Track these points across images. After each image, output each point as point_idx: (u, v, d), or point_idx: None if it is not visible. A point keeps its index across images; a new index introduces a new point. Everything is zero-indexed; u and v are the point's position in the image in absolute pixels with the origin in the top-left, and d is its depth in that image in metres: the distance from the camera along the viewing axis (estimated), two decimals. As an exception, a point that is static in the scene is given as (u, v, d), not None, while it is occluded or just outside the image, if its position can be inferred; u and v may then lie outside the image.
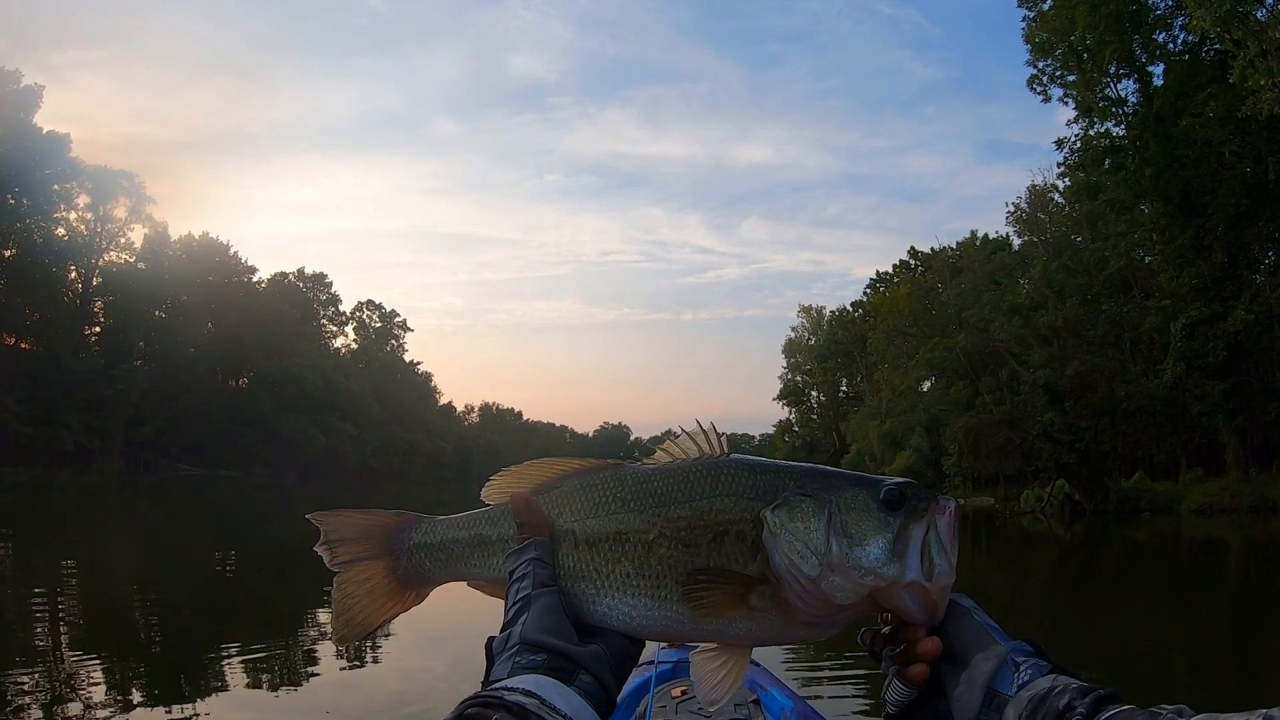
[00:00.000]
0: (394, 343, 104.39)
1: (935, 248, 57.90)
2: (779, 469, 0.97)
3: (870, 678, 5.70)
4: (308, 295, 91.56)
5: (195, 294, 69.20)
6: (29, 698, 5.12)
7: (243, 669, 6.14)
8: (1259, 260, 31.91)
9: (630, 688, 2.49)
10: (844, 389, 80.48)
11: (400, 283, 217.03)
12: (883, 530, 0.90)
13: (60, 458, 53.22)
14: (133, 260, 66.19)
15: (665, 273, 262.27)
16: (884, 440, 55.05)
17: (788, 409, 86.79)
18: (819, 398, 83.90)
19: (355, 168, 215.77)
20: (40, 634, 7.25)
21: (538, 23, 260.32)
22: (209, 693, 5.48)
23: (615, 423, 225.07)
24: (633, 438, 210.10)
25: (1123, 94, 33.28)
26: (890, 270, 70.65)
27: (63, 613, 8.44)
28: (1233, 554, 18.82)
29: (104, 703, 5.04)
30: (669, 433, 1.06)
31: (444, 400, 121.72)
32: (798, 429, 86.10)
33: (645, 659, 2.62)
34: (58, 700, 5.10)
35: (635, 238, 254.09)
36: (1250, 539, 21.78)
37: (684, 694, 2.41)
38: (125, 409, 60.16)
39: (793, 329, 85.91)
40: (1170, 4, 31.07)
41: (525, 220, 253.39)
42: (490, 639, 0.91)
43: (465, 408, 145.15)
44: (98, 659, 6.27)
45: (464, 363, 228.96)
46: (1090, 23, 30.92)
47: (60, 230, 60.89)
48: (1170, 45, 32.07)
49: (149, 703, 5.12)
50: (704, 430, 1.02)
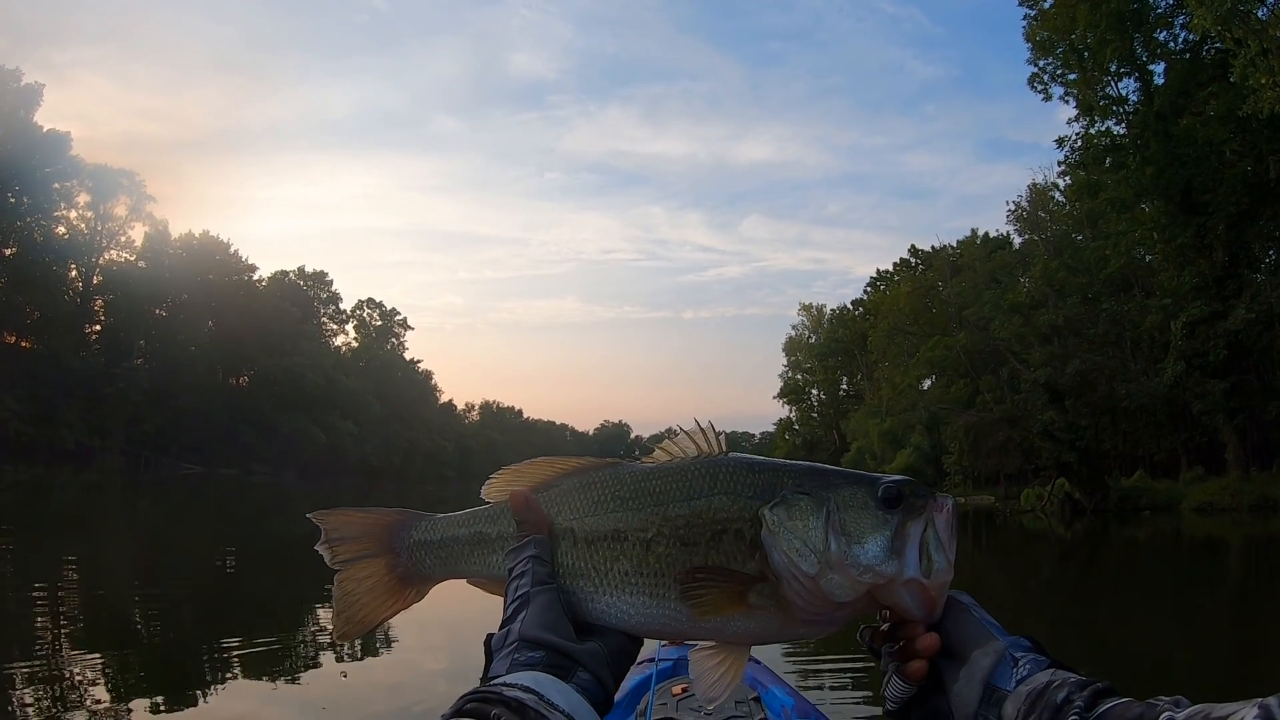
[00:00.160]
0: (394, 341, 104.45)
1: (936, 246, 57.80)
2: (777, 467, 0.97)
3: (870, 675, 5.70)
4: (308, 294, 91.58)
5: (196, 292, 69.18)
6: (30, 694, 5.13)
7: (243, 666, 6.15)
8: (1260, 259, 31.86)
9: (630, 685, 2.49)
10: (844, 387, 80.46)
11: (401, 281, 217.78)
12: (881, 528, 0.90)
13: (61, 456, 53.24)
14: (133, 259, 66.34)
15: (666, 271, 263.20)
16: (884, 438, 55.00)
17: (788, 407, 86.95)
18: (819, 396, 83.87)
19: (356, 166, 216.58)
20: (41, 631, 7.26)
21: (538, 21, 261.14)
22: (209, 689, 5.49)
23: (616, 421, 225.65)
24: (633, 436, 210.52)
25: (1123, 92, 33.27)
26: (891, 268, 70.66)
27: (63, 610, 8.45)
28: (1233, 553, 18.81)
29: (104, 699, 5.05)
30: (669, 431, 1.06)
31: (444, 398, 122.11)
32: (798, 427, 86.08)
33: (645, 656, 2.61)
34: (58, 696, 5.10)
35: (636, 236, 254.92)
36: (1250, 537, 21.77)
37: (684, 691, 2.40)
38: (126, 407, 60.19)
39: (793, 327, 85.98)
40: (1171, 3, 31.02)
41: (526, 218, 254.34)
42: (489, 636, 0.91)
43: (466, 406, 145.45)
44: (98, 655, 6.27)
45: (464, 361, 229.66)
46: (1091, 21, 30.86)
47: (60, 229, 60.98)
48: (1171, 44, 32.04)
49: (149, 699, 5.12)
50: (702, 429, 1.02)
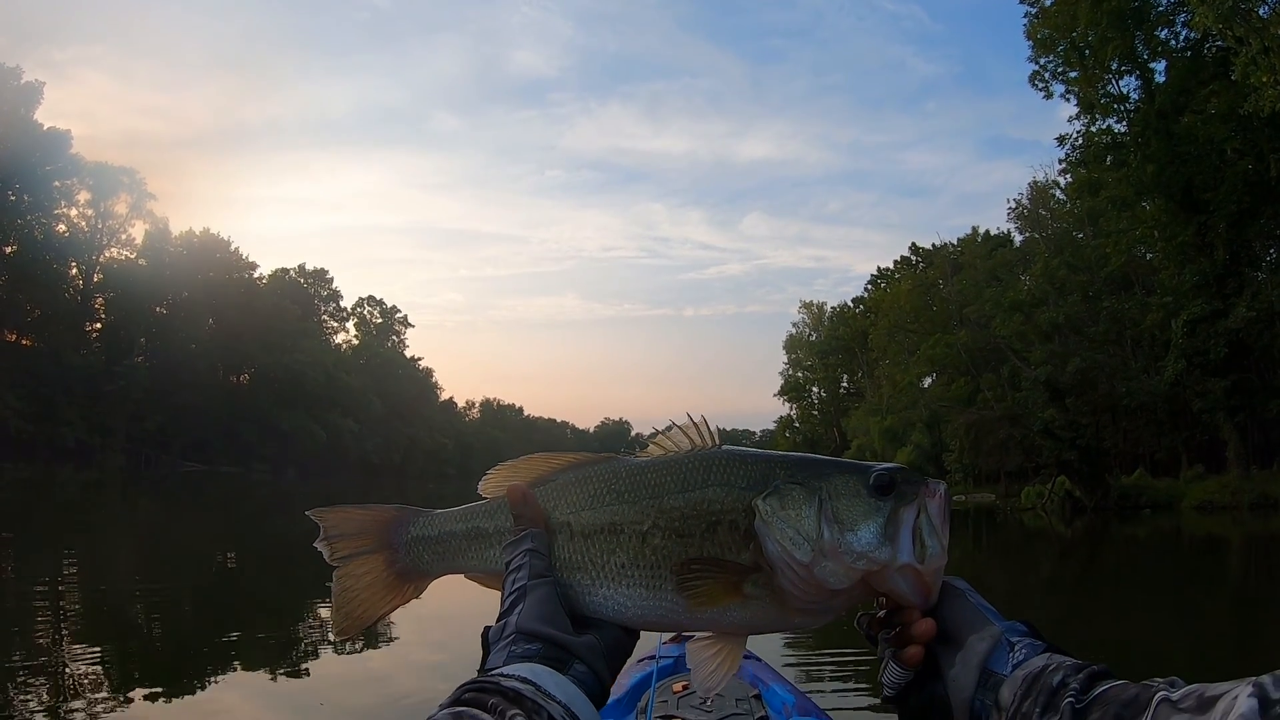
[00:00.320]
0: (395, 339, 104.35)
1: (937, 244, 57.54)
2: (770, 458, 0.98)
3: (871, 669, 5.70)
4: (309, 291, 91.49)
5: (196, 290, 69.15)
6: (31, 690, 5.14)
7: (243, 661, 6.18)
8: (1260, 257, 31.82)
9: (631, 683, 2.50)
10: (845, 385, 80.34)
11: (401, 279, 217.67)
12: (873, 515, 0.90)
13: (62, 454, 53.26)
14: (133, 256, 66.22)
15: (666, 268, 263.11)
16: (885, 436, 54.93)
17: (789, 405, 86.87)
18: (820, 394, 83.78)
19: (356, 163, 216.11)
20: (42, 627, 7.28)
21: (539, 18, 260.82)
22: (209, 684, 5.51)
23: (616, 418, 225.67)
24: (633, 433, 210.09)
25: (1124, 90, 33.13)
26: (891, 266, 70.43)
27: (64, 607, 8.47)
28: (1233, 551, 18.83)
29: (105, 695, 5.06)
30: (669, 427, 1.07)
31: (445, 396, 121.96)
32: (799, 425, 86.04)
33: (646, 654, 2.63)
34: (59, 692, 5.12)
35: (637, 233, 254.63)
36: (1251, 536, 21.78)
37: (685, 689, 2.41)
38: (126, 405, 60.19)
39: (794, 325, 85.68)
40: (1172, 1, 30.98)
41: (526, 216, 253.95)
42: (486, 629, 0.92)
43: (466, 403, 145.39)
44: (99, 652, 6.30)
45: (465, 359, 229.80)
46: (1092, 19, 30.77)
47: (61, 227, 60.81)
48: (1172, 42, 31.92)
49: (150, 695, 5.14)
50: (695, 423, 1.03)
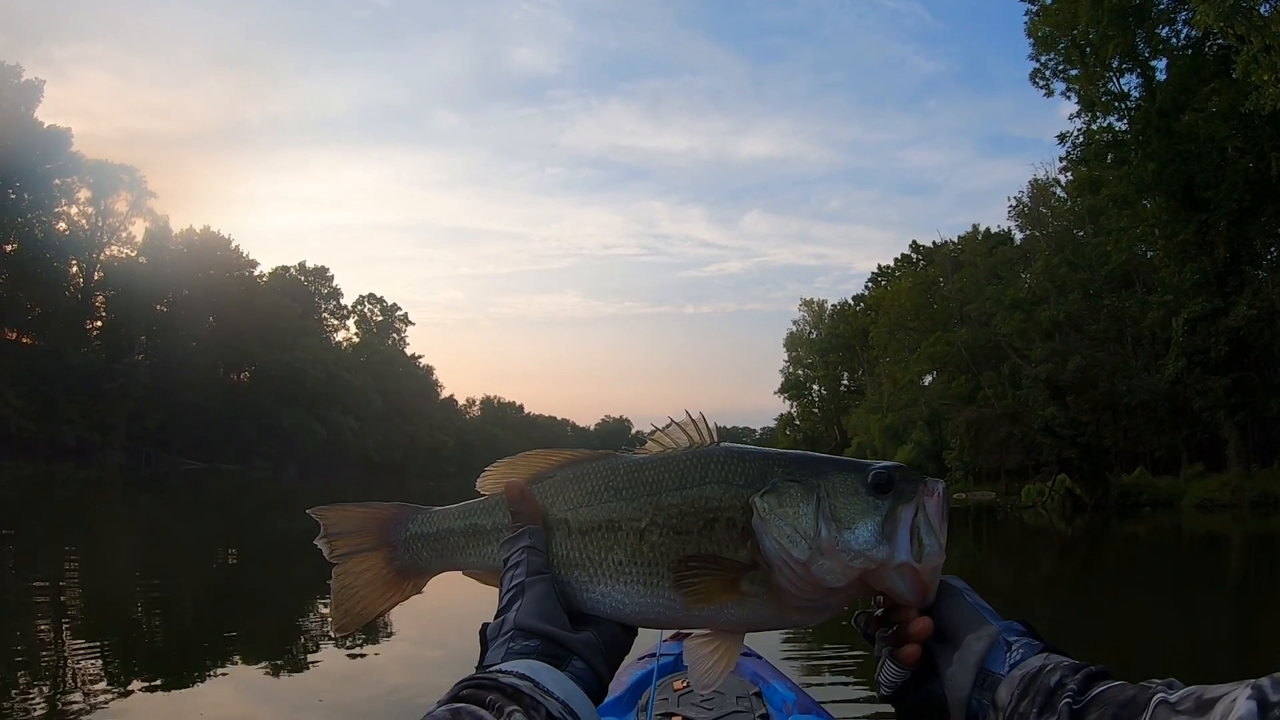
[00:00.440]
0: (395, 336, 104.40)
1: (937, 241, 57.36)
2: (768, 456, 0.98)
3: (872, 668, 5.70)
4: (309, 289, 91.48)
5: (196, 288, 69.16)
6: (31, 686, 5.15)
7: (242, 658, 6.19)
8: (1261, 255, 31.83)
9: (632, 680, 2.49)
10: (845, 383, 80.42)
11: (402, 276, 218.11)
12: (871, 513, 0.90)
13: (62, 452, 53.29)
14: (134, 255, 66.25)
15: (667, 266, 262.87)
16: (885, 434, 54.96)
17: (789, 402, 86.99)
18: (820, 391, 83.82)
19: (357, 161, 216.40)
20: (42, 625, 7.29)
21: (539, 15, 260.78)
22: (209, 681, 5.52)
23: (616, 416, 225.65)
24: (634, 431, 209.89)
25: (1125, 88, 33.15)
26: (892, 264, 70.42)
27: (65, 604, 8.47)
28: (1233, 549, 18.83)
29: (105, 691, 5.07)
30: (668, 424, 1.07)
31: (445, 394, 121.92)
32: (799, 422, 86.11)
33: (647, 651, 2.63)
34: (59, 689, 5.13)
35: (637, 231, 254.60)
36: (1251, 534, 21.79)
37: (685, 686, 2.41)
38: (127, 403, 60.22)
39: (794, 323, 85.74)
40: (1173, -2, 30.98)
41: (527, 214, 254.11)
42: (484, 625, 0.92)
43: (467, 401, 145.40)
44: (99, 648, 6.31)
45: (465, 356, 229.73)
46: (1093, 17, 30.74)
47: (61, 225, 60.84)
48: (1173, 40, 31.89)
49: (149, 690, 5.15)
50: (693, 420, 1.03)
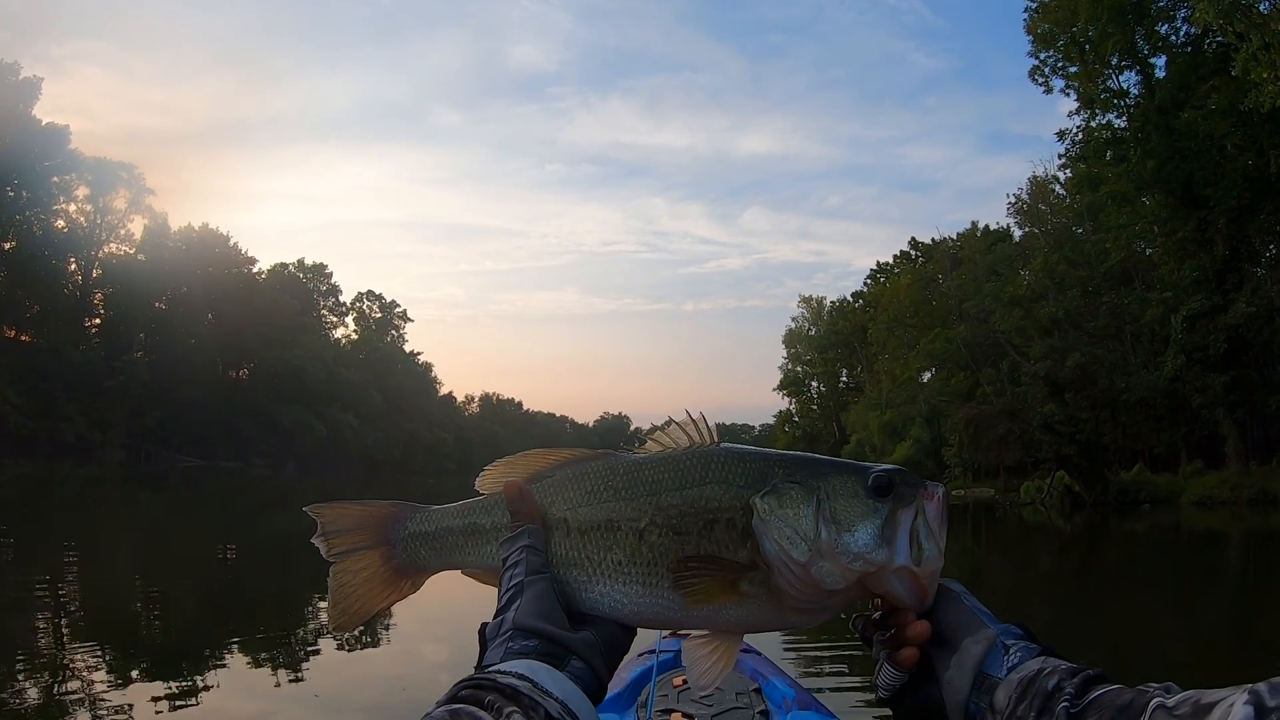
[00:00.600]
0: (394, 333, 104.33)
1: (936, 238, 57.45)
2: (768, 457, 0.98)
3: (870, 664, 5.71)
4: (308, 286, 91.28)
5: (195, 285, 69.07)
6: (31, 684, 5.16)
7: (241, 656, 6.19)
8: (1260, 253, 31.87)
9: (631, 677, 2.50)
10: (844, 379, 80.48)
11: (401, 273, 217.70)
12: (871, 516, 0.90)
13: (61, 450, 53.24)
14: (133, 252, 66.14)
15: (666, 263, 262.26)
16: (884, 431, 55.04)
17: (788, 399, 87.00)
18: (819, 388, 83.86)
19: (356, 158, 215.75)
20: (42, 623, 7.29)
21: (539, 12, 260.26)
22: (208, 679, 5.52)
23: (616, 413, 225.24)
24: (633, 428, 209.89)
25: (1125, 86, 33.20)
26: (891, 261, 70.51)
27: (64, 602, 8.48)
28: (1232, 546, 18.86)
29: (104, 689, 5.07)
30: (668, 423, 1.06)
31: (444, 391, 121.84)
32: (798, 419, 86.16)
33: (647, 648, 2.63)
34: (59, 686, 5.13)
35: (637, 228, 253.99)
36: (1250, 531, 21.83)
37: (685, 683, 2.41)
38: (126, 401, 60.19)
39: (793, 319, 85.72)
40: (1173, -4, 30.96)
41: (526, 210, 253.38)
42: (483, 625, 0.92)
43: (466, 398, 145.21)
44: (98, 645, 6.31)
45: (465, 353, 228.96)
46: (1092, 14, 30.75)
47: (60, 222, 60.79)
48: (1173, 37, 31.93)
49: (148, 688, 5.15)
50: (694, 420, 1.02)
